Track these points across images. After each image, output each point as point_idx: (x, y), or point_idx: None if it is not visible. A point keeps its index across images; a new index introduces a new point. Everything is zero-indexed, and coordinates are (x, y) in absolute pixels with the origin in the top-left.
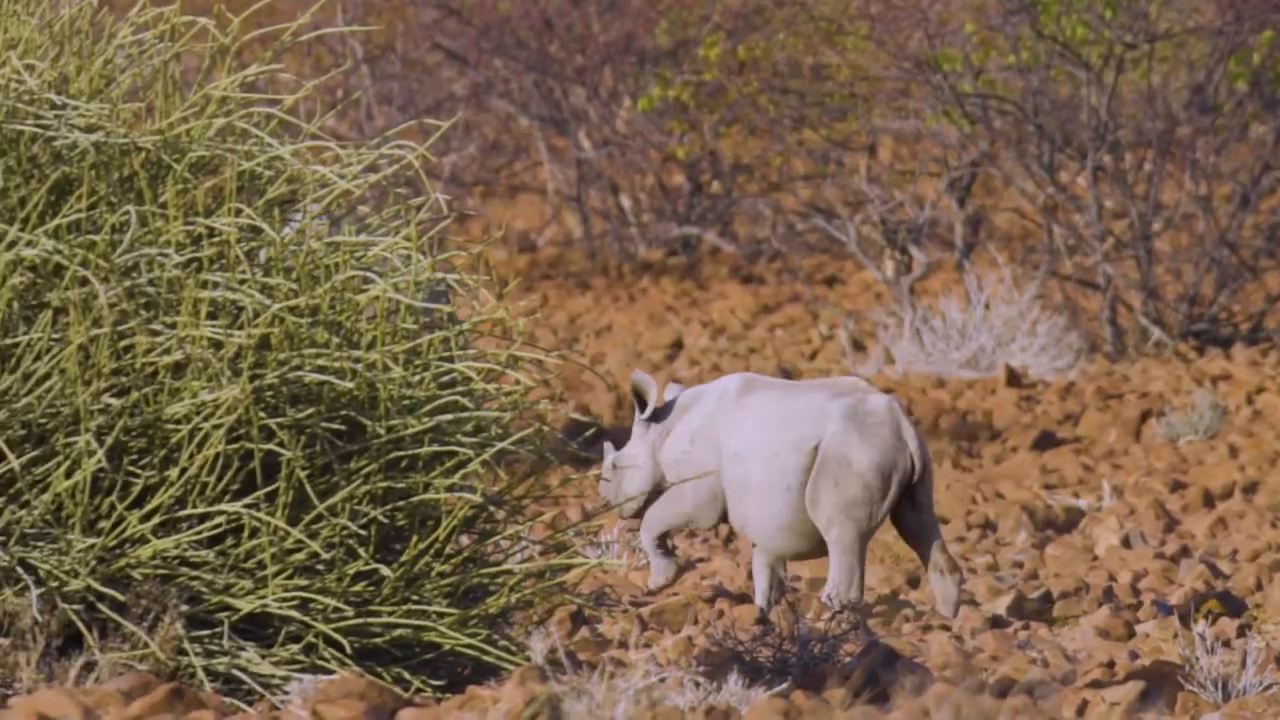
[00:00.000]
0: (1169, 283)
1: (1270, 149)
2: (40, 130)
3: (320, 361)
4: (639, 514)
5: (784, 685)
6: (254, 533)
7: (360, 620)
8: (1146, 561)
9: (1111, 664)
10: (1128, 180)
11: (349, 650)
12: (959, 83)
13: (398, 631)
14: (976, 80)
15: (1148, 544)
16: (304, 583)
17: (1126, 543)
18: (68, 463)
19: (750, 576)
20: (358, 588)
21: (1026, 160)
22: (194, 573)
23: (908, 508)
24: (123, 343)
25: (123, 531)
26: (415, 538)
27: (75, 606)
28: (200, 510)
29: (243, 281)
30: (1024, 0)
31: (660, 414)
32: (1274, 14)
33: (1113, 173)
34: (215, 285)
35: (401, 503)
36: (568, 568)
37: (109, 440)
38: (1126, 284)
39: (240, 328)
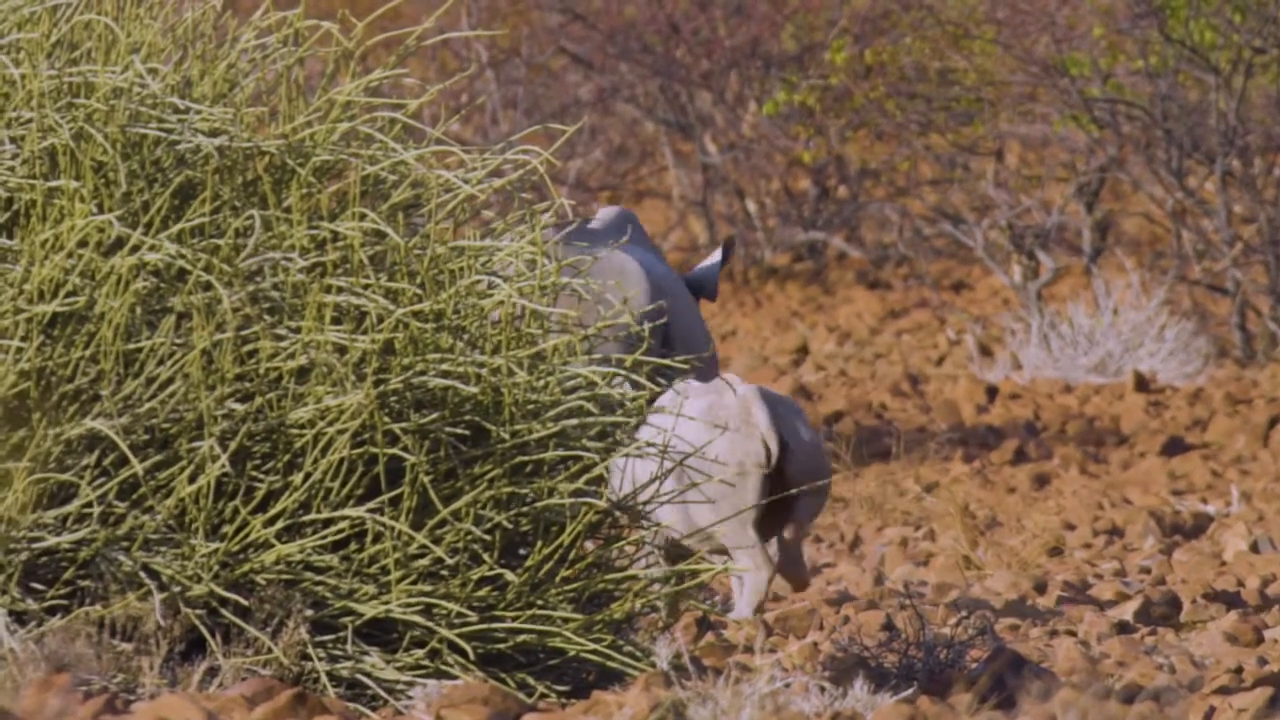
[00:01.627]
0: None
1: None
2: (164, 134)
3: (444, 366)
4: None
5: (910, 691)
6: (378, 538)
7: (484, 626)
8: (1275, 567)
9: (1239, 670)
10: (1257, 185)
11: (473, 656)
12: (1086, 87)
13: (522, 637)
14: (1104, 85)
15: (1276, 549)
16: (428, 588)
17: (1255, 548)
18: (191, 468)
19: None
20: (482, 593)
21: (1155, 165)
22: (318, 578)
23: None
24: (246, 348)
25: (246, 536)
26: (540, 543)
27: (198, 611)
28: (324, 515)
29: (366, 286)
30: (1152, 4)
31: None
32: None
33: (1241, 177)
34: (339, 290)
35: (526, 508)
36: (694, 573)
37: (233, 445)
38: (1255, 289)
39: (364, 333)
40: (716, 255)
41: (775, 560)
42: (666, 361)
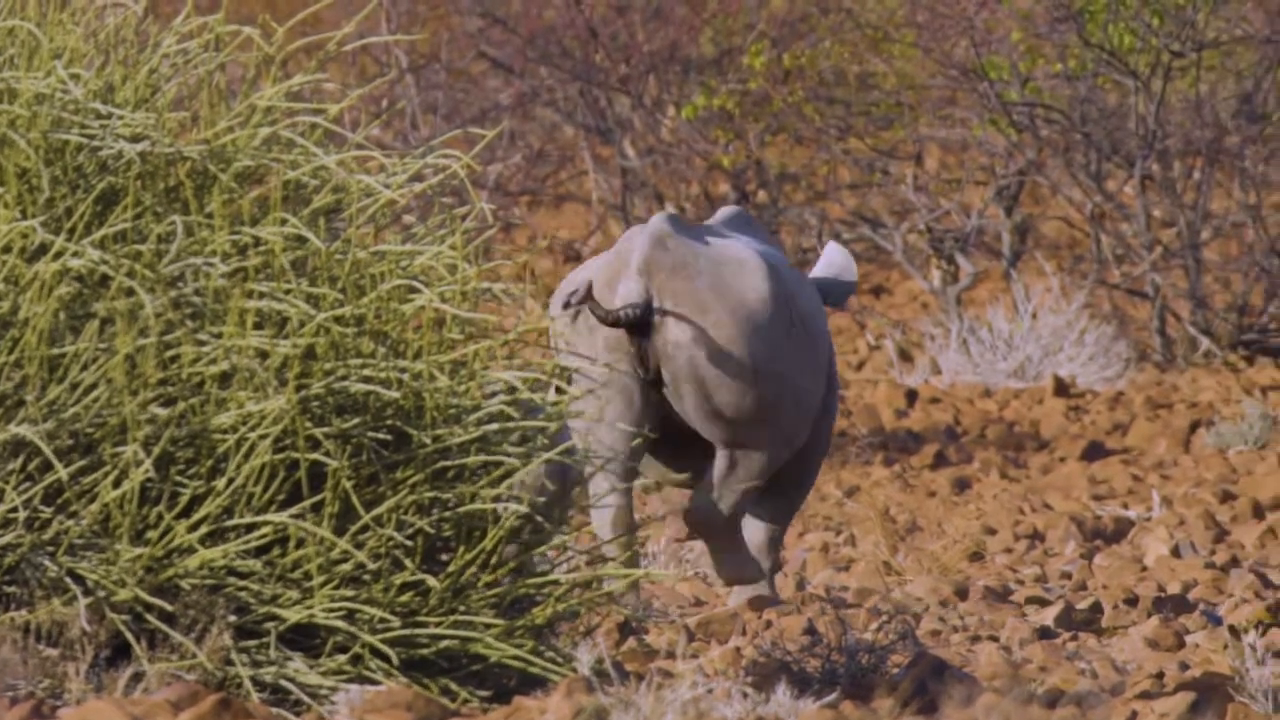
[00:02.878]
0: (1218, 292)
1: None
2: (86, 140)
3: (366, 371)
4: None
5: (832, 696)
6: (300, 543)
7: (407, 631)
8: (1196, 572)
9: (1161, 675)
10: (1176, 189)
11: (395, 661)
12: (1006, 91)
13: (444, 642)
14: (1023, 88)
15: (1197, 554)
16: (350, 593)
17: (1176, 552)
18: (115, 473)
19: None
20: (404, 598)
21: (1074, 169)
22: (241, 583)
23: None
24: (169, 353)
25: (170, 541)
26: (462, 548)
27: (123, 616)
28: (247, 520)
29: (288, 291)
30: (1071, 8)
31: None
32: None
33: (1161, 181)
34: (261, 295)
35: (448, 513)
36: (615, 578)
37: (156, 450)
38: (1175, 293)
39: (286, 338)
40: (850, 268)
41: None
42: (589, 366)
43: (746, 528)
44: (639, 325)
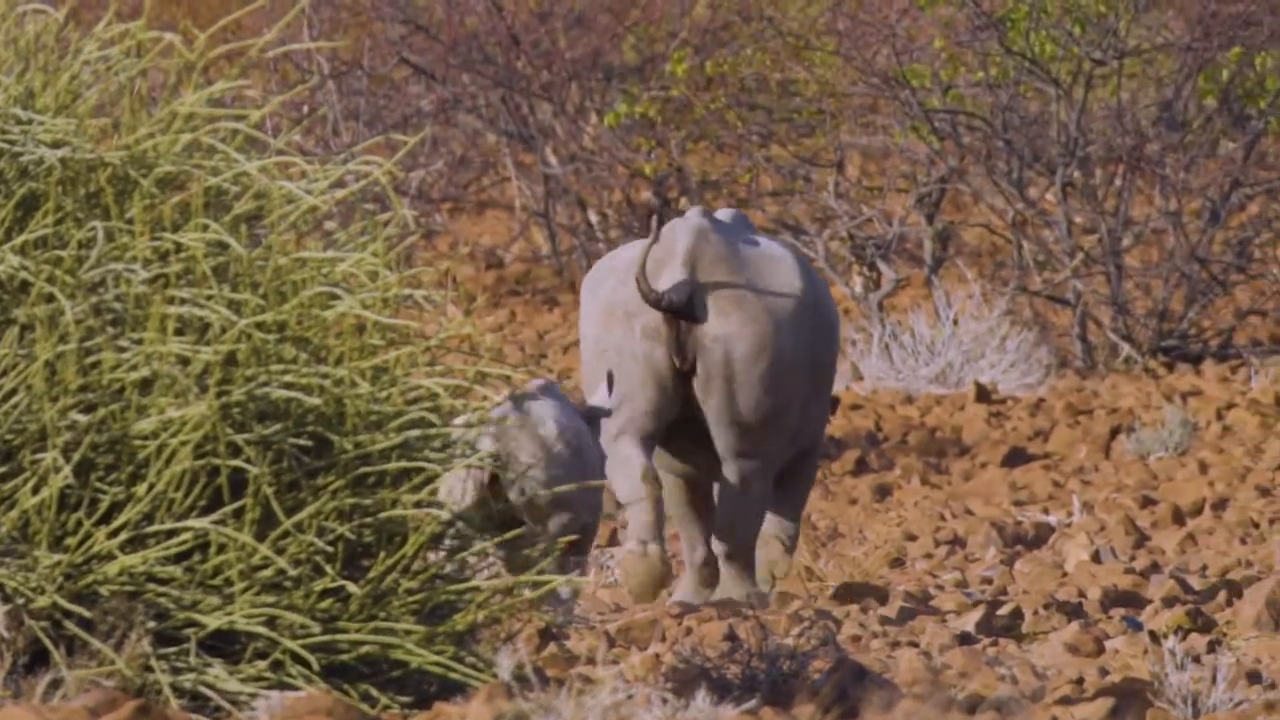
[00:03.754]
0: (1139, 298)
1: (1239, 165)
2: (6, 146)
3: (287, 378)
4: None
5: (752, 702)
6: (221, 549)
7: (327, 637)
8: (1116, 577)
9: (1081, 680)
10: (1097, 196)
11: (316, 667)
12: (927, 98)
13: (365, 648)
14: (945, 96)
15: (1118, 559)
16: (271, 599)
17: (1096, 558)
18: (35, 479)
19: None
20: (325, 604)
21: (995, 176)
22: (161, 589)
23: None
24: (89, 359)
25: (90, 548)
26: (383, 554)
27: (42, 623)
28: (167, 527)
29: (209, 298)
30: (993, 16)
31: None
32: (1243, 30)
33: (1082, 188)
34: (182, 301)
35: (369, 519)
36: (536, 584)
37: (76, 457)
38: (1096, 299)
39: (207, 344)
40: None
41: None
42: (507, 372)
43: (765, 530)
44: (681, 312)
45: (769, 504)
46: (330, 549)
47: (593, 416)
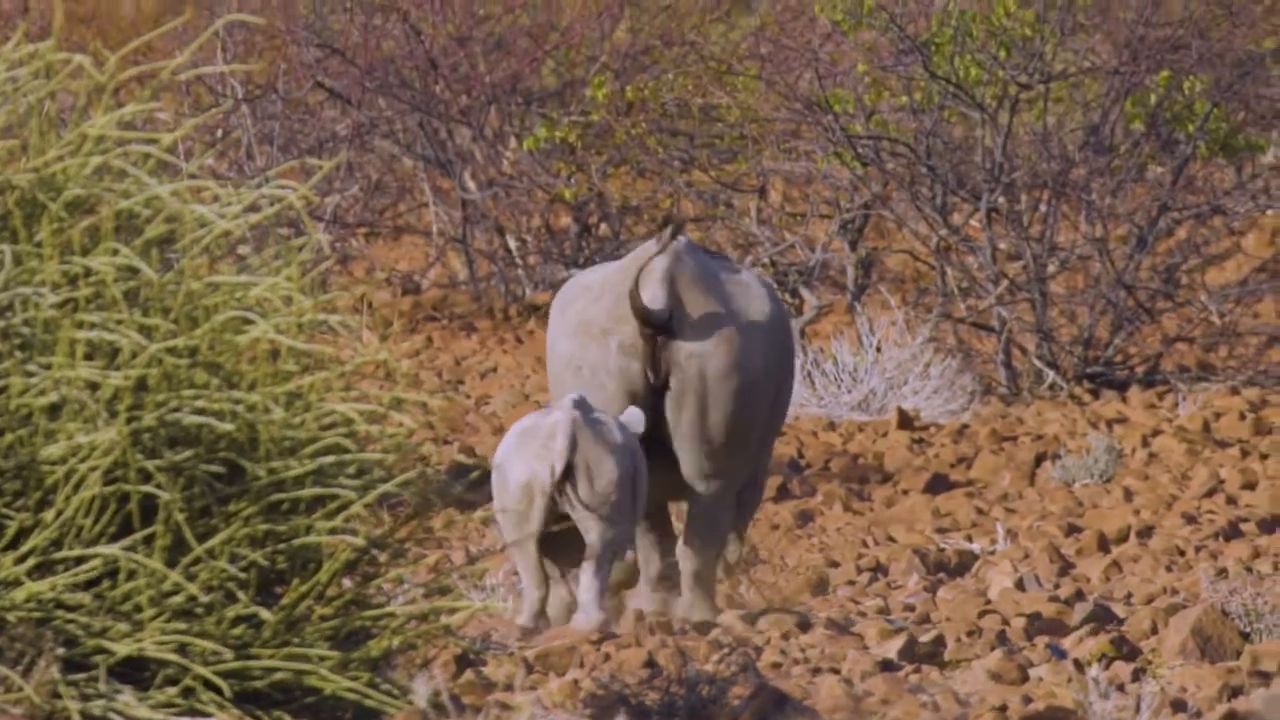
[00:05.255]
0: (1064, 325)
1: (1167, 190)
2: None
3: (199, 403)
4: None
5: None
6: (131, 575)
7: (240, 663)
8: (1040, 605)
9: (1004, 708)
10: (1022, 222)
11: (228, 693)
12: (851, 124)
13: (278, 675)
14: (869, 121)
15: (1042, 587)
16: (182, 626)
17: (1020, 586)
18: None
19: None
20: (237, 631)
21: (919, 202)
22: (70, 615)
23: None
24: None
25: None
26: (296, 581)
27: None
28: (76, 553)
29: (120, 322)
30: (917, 41)
31: None
32: (1170, 54)
33: (1007, 214)
34: (91, 326)
35: (282, 545)
36: (452, 610)
37: None
38: (1021, 326)
39: (117, 369)
40: None
41: (563, 587)
42: (423, 398)
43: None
44: (663, 327)
45: (730, 524)
46: (243, 575)
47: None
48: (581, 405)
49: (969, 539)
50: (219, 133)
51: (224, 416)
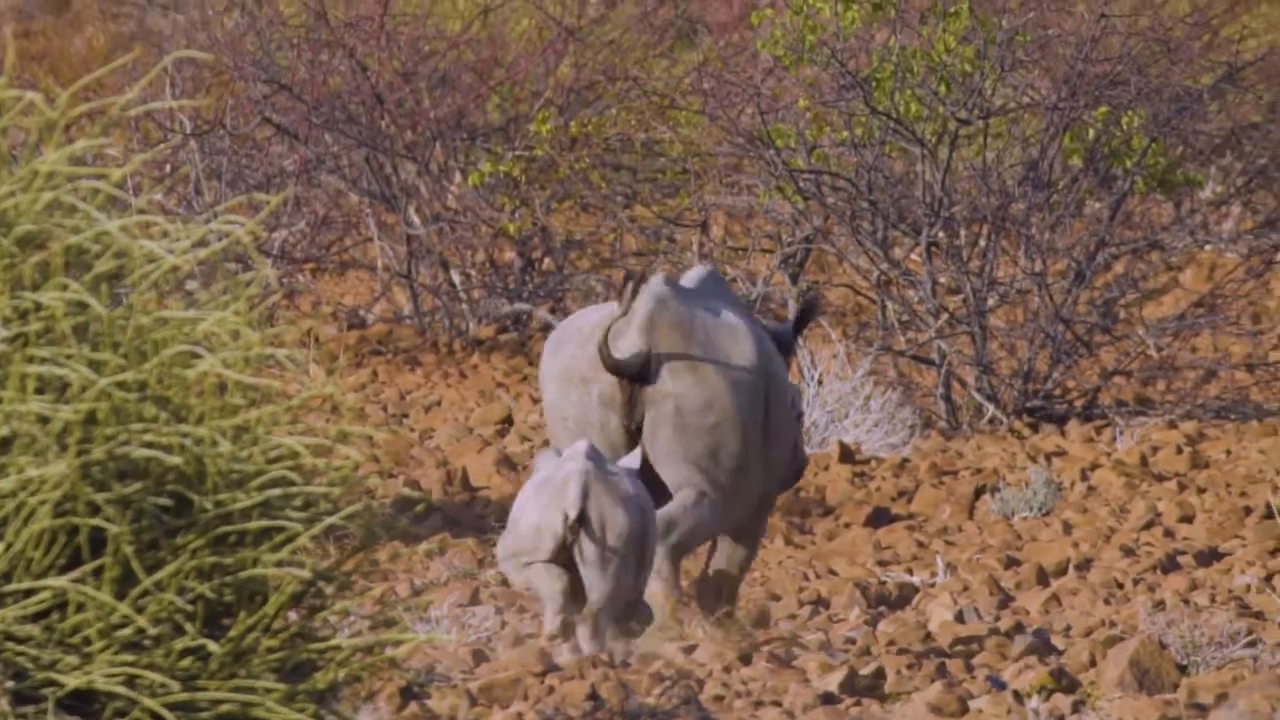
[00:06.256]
0: (1003, 359)
1: (1105, 225)
2: None
3: (148, 436)
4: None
5: None
6: (80, 608)
7: (187, 696)
8: (980, 637)
9: None
10: (962, 256)
11: None
12: (792, 158)
13: (225, 707)
14: (810, 156)
15: (982, 619)
16: (130, 658)
17: (960, 618)
18: None
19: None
20: (185, 663)
21: (860, 236)
22: (19, 648)
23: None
24: None
25: None
26: (243, 613)
27: None
28: (25, 585)
29: (69, 356)
30: (858, 76)
31: None
32: (1109, 90)
33: (947, 249)
34: (42, 360)
35: (229, 578)
36: (397, 643)
37: None
38: (961, 360)
39: (67, 403)
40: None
41: (575, 624)
42: (369, 432)
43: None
44: (637, 375)
45: (711, 531)
46: (190, 608)
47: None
48: (594, 455)
49: (909, 571)
50: (168, 168)
51: (172, 450)
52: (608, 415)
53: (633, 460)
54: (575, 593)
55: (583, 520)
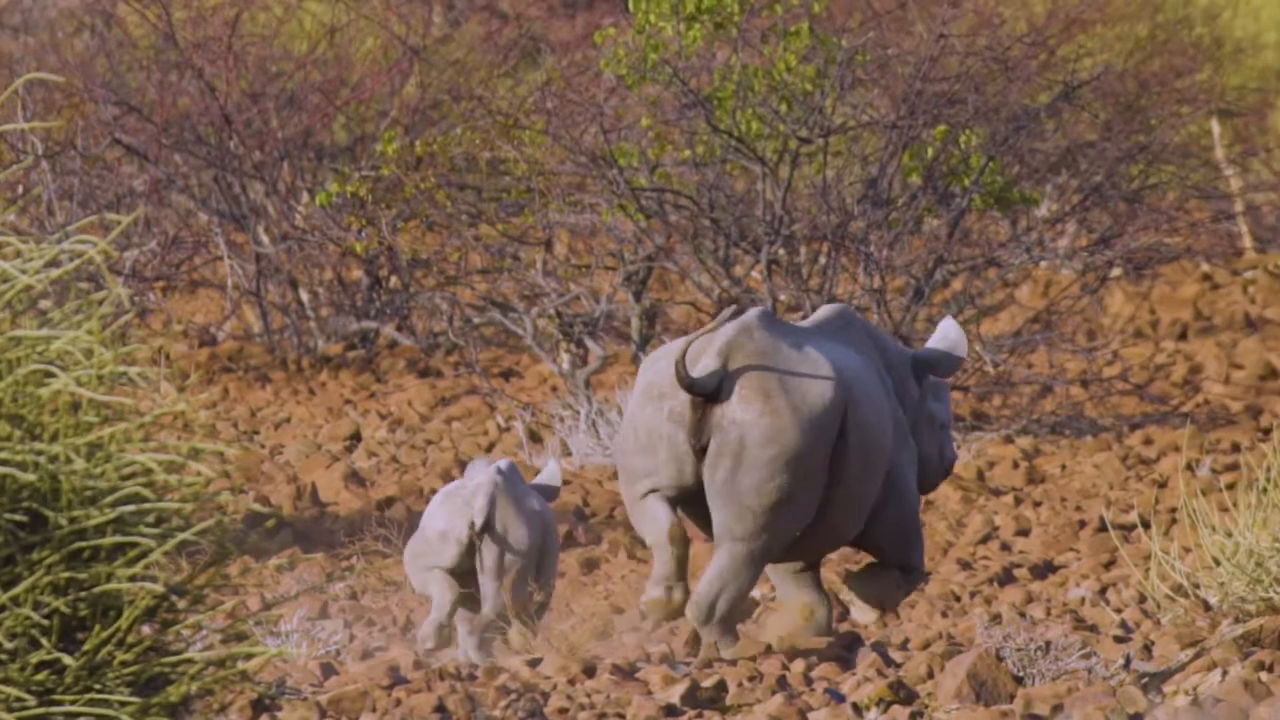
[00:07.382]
0: None
1: (943, 243)
2: None
3: (2, 454)
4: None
5: None
6: None
7: (43, 709)
8: (819, 650)
9: None
10: (802, 273)
11: None
12: (635, 177)
13: (80, 719)
14: (652, 174)
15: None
16: None
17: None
18: None
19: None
20: (40, 677)
21: (702, 254)
22: None
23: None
24: None
25: None
26: (98, 627)
27: None
28: None
29: None
30: (700, 95)
31: None
32: (947, 109)
33: (787, 266)
34: None
35: (84, 593)
36: (248, 656)
37: None
38: None
39: None
40: (951, 336)
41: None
42: (220, 448)
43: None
44: (707, 397)
45: (748, 592)
46: (46, 622)
47: (545, 493)
48: (505, 472)
49: None
50: (20, 189)
51: (26, 467)
52: (675, 431)
53: (550, 477)
54: (467, 606)
55: (488, 529)
